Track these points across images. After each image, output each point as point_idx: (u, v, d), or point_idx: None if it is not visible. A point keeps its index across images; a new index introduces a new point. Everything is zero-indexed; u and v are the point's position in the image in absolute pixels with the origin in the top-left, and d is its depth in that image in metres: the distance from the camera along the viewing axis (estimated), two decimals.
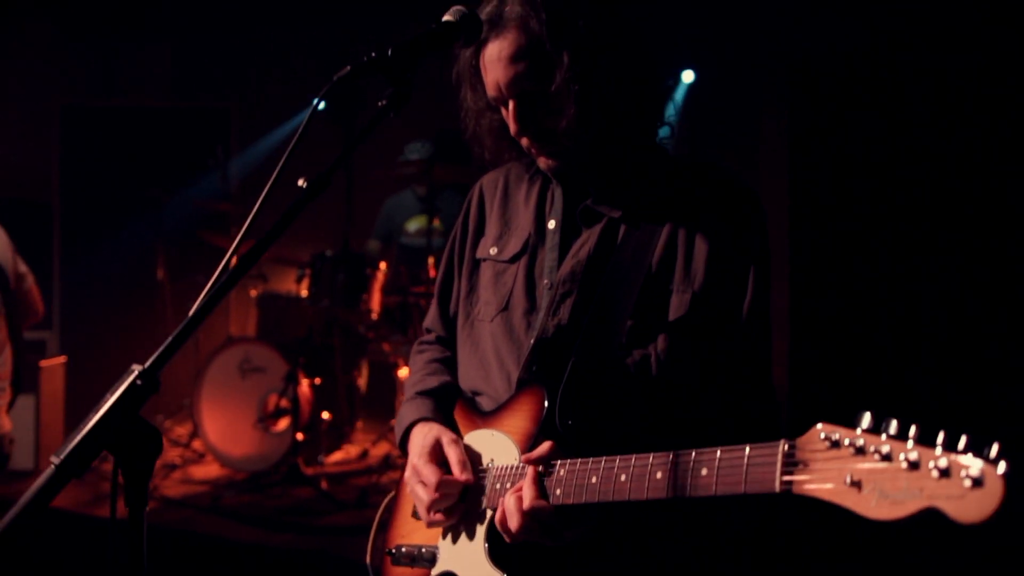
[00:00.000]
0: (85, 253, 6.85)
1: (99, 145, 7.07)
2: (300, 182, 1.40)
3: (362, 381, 5.30)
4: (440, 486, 1.57)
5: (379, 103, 1.45)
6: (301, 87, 6.71)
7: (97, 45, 7.39)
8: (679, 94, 6.42)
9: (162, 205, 5.61)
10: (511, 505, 1.44)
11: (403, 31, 1.61)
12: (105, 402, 1.14)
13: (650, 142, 1.68)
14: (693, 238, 1.57)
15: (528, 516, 1.42)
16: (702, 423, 1.56)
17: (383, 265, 5.02)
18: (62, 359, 5.14)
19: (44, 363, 4.85)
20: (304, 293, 4.97)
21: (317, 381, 4.95)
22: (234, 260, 1.36)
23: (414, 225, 5.85)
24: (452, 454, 1.61)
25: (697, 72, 6.33)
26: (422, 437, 1.67)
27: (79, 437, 1.11)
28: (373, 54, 1.44)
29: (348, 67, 1.43)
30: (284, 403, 4.74)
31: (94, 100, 7.26)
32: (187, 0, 6.93)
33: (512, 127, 1.59)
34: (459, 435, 1.69)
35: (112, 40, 7.42)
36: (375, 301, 4.94)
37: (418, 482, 1.61)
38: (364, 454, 5.23)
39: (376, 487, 4.50)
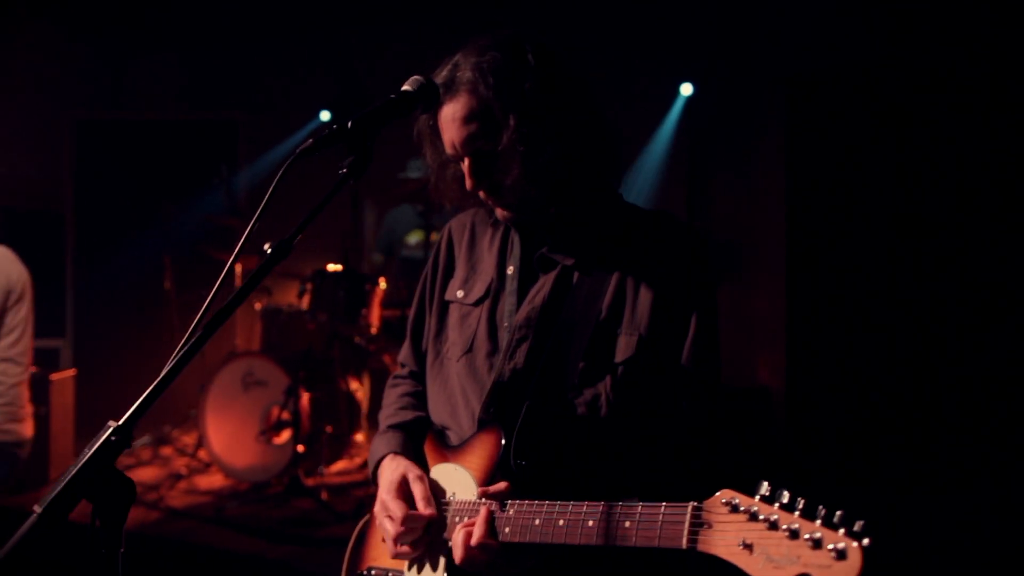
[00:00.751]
0: (97, 263, 6.97)
1: (111, 157, 7.18)
2: (265, 247, 1.52)
3: (362, 394, 5.42)
4: (405, 520, 1.69)
5: (340, 171, 1.57)
6: (309, 99, 6.81)
7: (109, 59, 7.53)
8: (677, 107, 6.51)
9: (171, 217, 5.75)
10: (459, 540, 1.57)
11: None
12: (84, 456, 1.26)
13: (603, 191, 1.78)
14: (640, 284, 1.68)
15: (475, 551, 1.55)
16: (648, 462, 1.66)
17: (382, 280, 5.15)
18: (72, 372, 5.30)
19: (55, 376, 5.01)
20: (305, 307, 5.10)
21: (318, 394, 5.08)
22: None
23: (414, 238, 5.98)
24: (417, 490, 1.73)
25: (695, 85, 6.41)
26: (390, 472, 1.80)
27: (59, 487, 1.24)
28: (335, 126, 1.56)
29: (310, 140, 1.55)
30: (285, 415, 4.87)
31: (106, 113, 7.39)
32: (197, 13, 7.05)
33: (468, 182, 1.70)
34: (427, 466, 1.81)
35: (124, 54, 7.56)
36: (375, 315, 5.07)
37: (386, 516, 1.73)
38: (364, 464, 5.36)
39: (374, 498, 4.60)
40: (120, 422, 1.30)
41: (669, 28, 6.30)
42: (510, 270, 1.80)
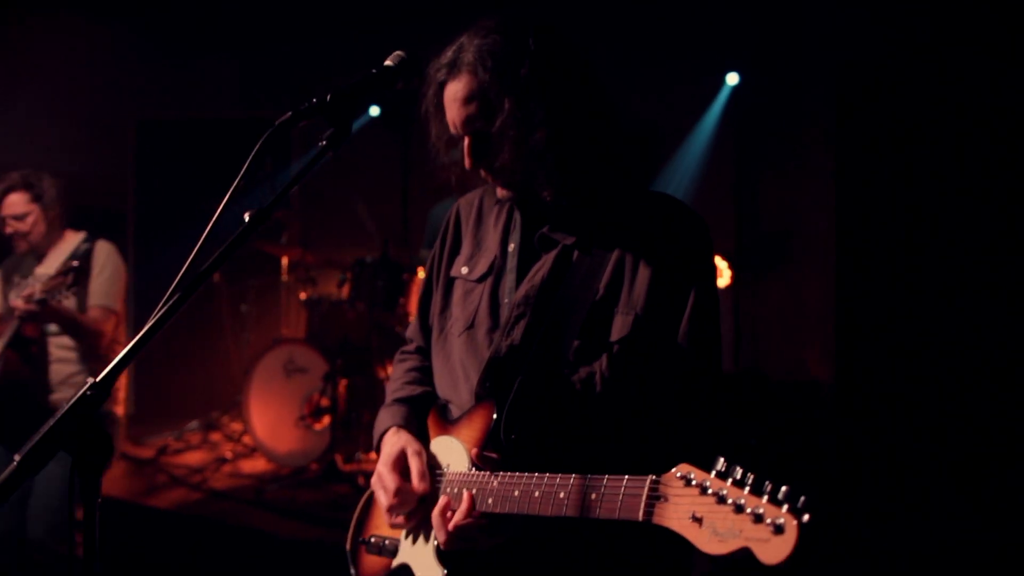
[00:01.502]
0: (155, 259, 7.17)
1: (170, 156, 7.41)
2: (245, 216, 1.57)
3: None
4: (398, 493, 1.75)
5: (319, 143, 1.62)
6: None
7: (170, 60, 7.74)
8: (722, 96, 6.43)
9: (222, 213, 5.87)
10: (437, 519, 1.64)
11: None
12: (62, 409, 1.32)
13: (605, 174, 1.78)
14: (638, 264, 1.69)
15: (452, 532, 1.61)
16: (639, 441, 1.67)
17: (420, 270, 5.21)
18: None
19: None
20: (345, 297, 5.19)
21: (355, 381, 5.17)
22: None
23: None
24: (414, 465, 1.78)
25: (741, 74, 6.32)
26: (390, 446, 1.84)
27: (37, 437, 1.31)
28: (314, 100, 1.61)
29: (290, 112, 1.61)
30: (325, 402, 4.97)
31: (165, 113, 7.60)
32: (254, 16, 7.22)
33: (466, 161, 1.73)
34: (428, 440, 1.86)
35: (184, 55, 7.77)
36: (413, 305, 5.14)
37: (381, 487, 1.79)
38: None
39: None
40: (98, 379, 1.35)
41: (714, 17, 6.23)
42: (511, 247, 1.83)
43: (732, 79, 6.33)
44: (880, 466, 5.09)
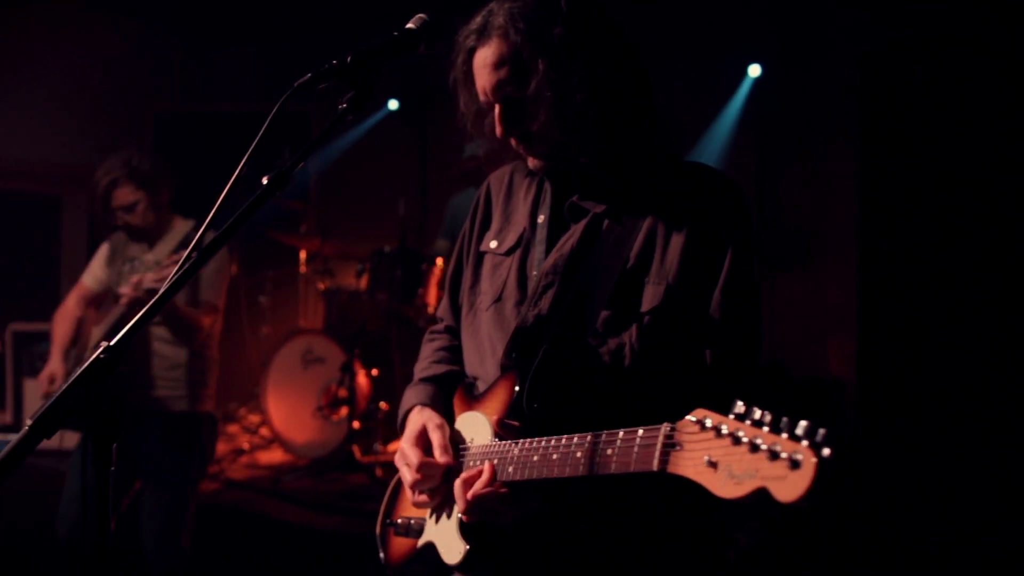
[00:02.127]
0: None
1: (188, 149, 7.41)
2: (263, 179, 1.54)
3: None
4: (421, 468, 1.70)
5: (339, 106, 1.58)
6: (377, 89, 6.88)
7: (187, 53, 7.77)
8: (744, 88, 6.36)
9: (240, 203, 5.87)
10: (458, 490, 1.59)
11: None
12: (74, 373, 1.28)
13: (636, 140, 1.73)
14: (670, 232, 1.63)
15: (472, 501, 1.56)
16: (668, 410, 1.62)
17: (439, 260, 5.18)
18: None
19: None
20: (364, 287, 5.16)
21: (375, 372, 5.14)
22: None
23: None
24: (435, 438, 1.74)
25: (763, 66, 6.25)
26: (414, 423, 1.80)
27: (49, 402, 1.27)
28: (335, 61, 1.57)
29: (309, 74, 1.56)
30: (342, 392, 4.94)
31: (182, 105, 7.62)
32: (272, 8, 7.23)
33: (497, 129, 1.67)
34: (453, 418, 1.81)
35: (202, 48, 7.79)
36: (431, 295, 5.11)
37: (403, 463, 1.75)
38: None
39: None
40: (112, 342, 1.31)
41: (736, 7, 6.16)
42: (540, 218, 1.78)
43: (754, 71, 6.28)
44: (901, 463, 5.01)
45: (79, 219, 7.29)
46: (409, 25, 1.65)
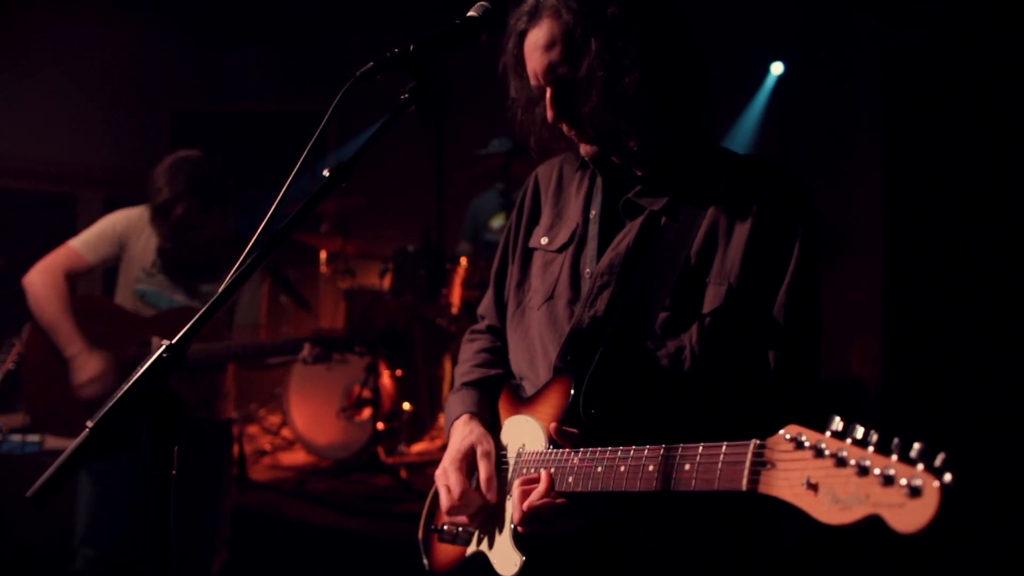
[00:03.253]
0: None
1: (204, 148, 7.36)
2: (324, 172, 1.49)
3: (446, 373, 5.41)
4: (462, 497, 1.66)
5: (402, 96, 1.53)
6: (394, 88, 6.86)
7: (205, 52, 7.74)
8: (767, 87, 6.30)
9: (258, 204, 5.84)
10: (516, 498, 1.54)
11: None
12: (136, 373, 1.23)
13: (695, 133, 1.68)
14: (732, 230, 1.58)
15: (529, 513, 1.51)
16: (732, 416, 1.55)
17: (464, 260, 5.13)
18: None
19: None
20: (387, 287, 5.11)
21: (399, 373, 5.09)
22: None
23: (497, 222, 5.93)
24: (483, 469, 1.69)
25: (786, 64, 6.19)
26: (460, 438, 1.75)
27: (110, 403, 1.21)
28: (396, 50, 1.52)
29: (371, 63, 1.51)
30: (366, 393, 4.89)
31: (199, 105, 7.59)
32: (289, 7, 7.19)
33: (548, 113, 1.62)
34: (499, 422, 1.76)
35: (219, 47, 7.76)
36: (455, 295, 5.06)
37: (444, 486, 1.70)
38: (445, 446, 5.31)
39: None
40: (174, 340, 1.26)
41: (758, 6, 6.10)
42: (592, 214, 1.73)
43: (777, 68, 6.22)
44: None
45: (93, 218, 7.24)
46: (471, 13, 1.60)
